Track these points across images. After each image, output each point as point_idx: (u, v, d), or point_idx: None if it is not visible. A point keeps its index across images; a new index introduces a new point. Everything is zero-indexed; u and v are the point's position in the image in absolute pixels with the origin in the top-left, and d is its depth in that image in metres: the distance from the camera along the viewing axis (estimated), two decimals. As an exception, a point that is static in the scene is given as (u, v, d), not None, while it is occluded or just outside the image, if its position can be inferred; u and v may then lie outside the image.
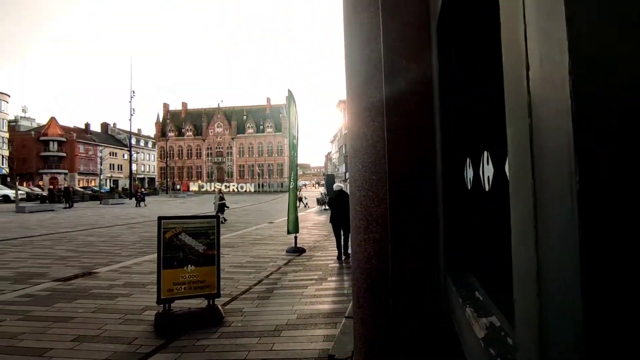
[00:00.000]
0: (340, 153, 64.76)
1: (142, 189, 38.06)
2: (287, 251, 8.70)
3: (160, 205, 30.66)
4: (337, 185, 8.56)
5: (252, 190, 69.44)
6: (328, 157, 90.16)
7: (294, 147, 9.10)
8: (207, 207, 29.99)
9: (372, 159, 1.20)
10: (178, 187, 73.51)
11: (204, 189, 70.06)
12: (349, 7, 1.45)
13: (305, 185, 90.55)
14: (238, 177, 79.37)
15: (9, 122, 61.56)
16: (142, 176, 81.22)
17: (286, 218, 9.56)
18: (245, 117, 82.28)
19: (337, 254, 7.84)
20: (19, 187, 36.32)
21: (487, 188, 0.91)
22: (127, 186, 51.24)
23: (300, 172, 9.89)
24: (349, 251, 7.68)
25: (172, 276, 4.08)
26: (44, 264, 7.44)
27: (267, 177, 77.03)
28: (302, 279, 6.13)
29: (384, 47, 1.21)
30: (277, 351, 3.32)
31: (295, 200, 8.96)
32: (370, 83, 1.26)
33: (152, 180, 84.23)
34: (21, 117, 74.36)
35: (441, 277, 1.12)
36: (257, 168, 79.92)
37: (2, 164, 55.47)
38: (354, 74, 1.37)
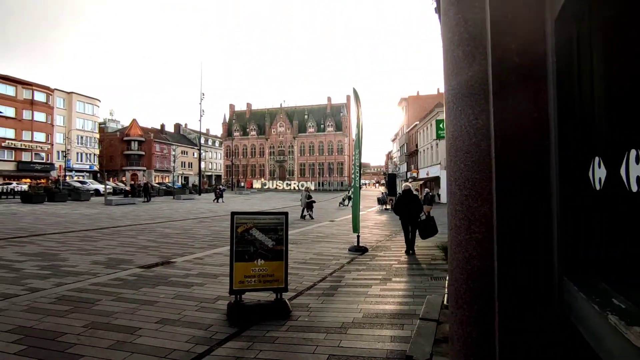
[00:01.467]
0: (401, 152, 63.38)
1: (221, 186, 40.33)
2: (349, 250, 8.72)
3: (227, 202, 32.29)
4: (406, 185, 9.29)
5: (313, 188, 70.45)
6: (389, 156, 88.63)
7: (357, 147, 9.07)
8: (270, 203, 31.10)
9: (475, 157, 1.15)
10: (242, 184, 76.97)
11: (267, 187, 72.68)
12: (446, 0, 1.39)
13: (365, 184, 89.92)
14: (299, 176, 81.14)
15: (100, 124, 68.76)
16: (209, 173, 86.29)
17: (347, 217, 9.57)
18: (306, 117, 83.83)
19: (403, 251, 8.32)
20: (107, 182, 40.46)
21: (634, 189, 0.83)
22: (197, 183, 54.69)
23: (357, 170, 9.89)
24: (414, 247, 8.56)
25: (244, 269, 4.29)
26: (130, 251, 8.21)
27: (327, 175, 77.83)
28: (366, 278, 6.11)
29: (492, 40, 1.15)
30: (344, 348, 3.34)
31: (358, 199, 8.93)
32: (475, 80, 1.20)
33: (218, 177, 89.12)
34: (109, 119, 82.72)
35: (554, 280, 1.04)
36: (318, 167, 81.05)
37: (94, 162, 62.20)
38: (455, 72, 1.31)
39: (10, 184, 40.82)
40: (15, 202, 25.90)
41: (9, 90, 50.17)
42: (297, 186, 71.35)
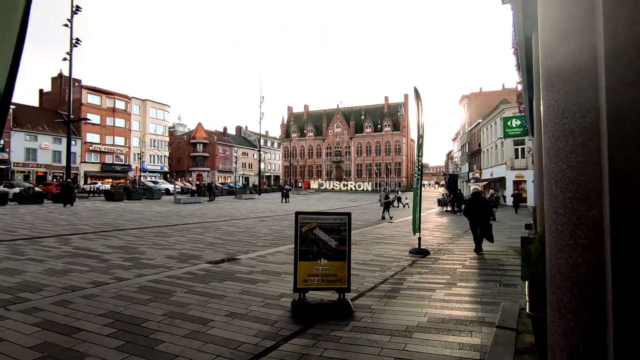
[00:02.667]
0: (462, 151, 60.64)
1: (288, 187, 41.50)
2: (410, 252, 8.53)
3: (286, 201, 33.09)
4: (475, 187, 9.81)
5: (370, 189, 69.92)
6: (449, 156, 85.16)
7: (419, 147, 8.84)
8: (327, 204, 31.34)
9: (582, 158, 1.07)
10: (300, 184, 78.44)
11: (323, 187, 73.36)
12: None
13: (424, 185, 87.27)
14: (356, 176, 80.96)
15: (169, 128, 74.10)
16: (269, 174, 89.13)
17: (406, 218, 9.34)
18: (363, 117, 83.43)
19: (467, 255, 8.19)
20: (176, 182, 43.42)
21: None
22: (257, 183, 56.74)
23: (418, 171, 9.65)
24: (482, 247, 8.90)
25: (307, 268, 4.37)
26: (198, 247, 8.74)
27: (384, 176, 76.74)
28: (429, 281, 5.93)
29: (605, 28, 1.05)
30: (410, 352, 3.28)
31: (420, 200, 8.70)
32: (581, 76, 1.12)
33: (277, 178, 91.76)
34: (177, 123, 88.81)
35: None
36: (375, 167, 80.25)
37: (164, 163, 67.17)
38: (556, 68, 1.23)
39: (96, 183, 45.49)
40: (100, 200, 28.76)
41: (95, 100, 55.95)
42: (354, 187, 71.18)
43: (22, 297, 4.72)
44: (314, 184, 76.99)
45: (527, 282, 2.92)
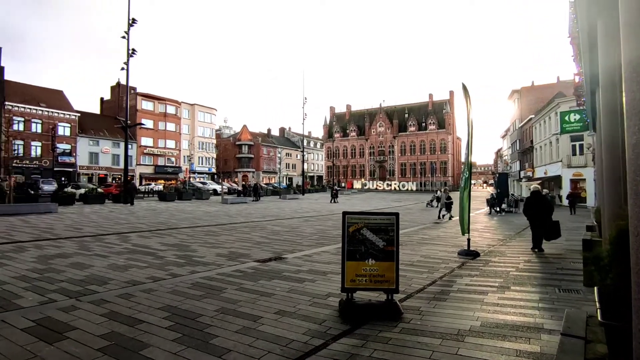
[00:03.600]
0: (513, 149, 57.64)
1: (336, 187, 41.61)
2: (459, 253, 8.25)
3: (328, 201, 33.22)
4: (535, 187, 9.71)
5: (414, 188, 68.48)
6: (498, 154, 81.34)
7: (468, 145, 8.51)
8: (371, 203, 31.08)
9: None
10: (343, 184, 78.42)
11: (367, 187, 72.81)
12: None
13: (472, 184, 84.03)
14: (400, 176, 79.55)
15: (216, 131, 76.97)
16: (312, 174, 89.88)
17: (454, 219, 9.02)
18: (406, 115, 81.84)
19: (520, 258, 7.85)
20: (223, 183, 45.01)
21: None
22: (300, 183, 57.45)
23: (466, 170, 9.28)
24: (542, 245, 8.88)
25: (355, 268, 4.36)
26: (246, 246, 9.00)
27: (429, 175, 74.76)
28: (480, 284, 5.70)
29: None
30: (463, 357, 3.17)
31: (468, 200, 8.38)
32: None
33: (319, 178, 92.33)
34: (223, 126, 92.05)
35: None
36: (419, 166, 78.41)
37: (212, 165, 69.89)
38: None
39: (150, 184, 48.28)
40: (154, 200, 30.48)
41: (148, 105, 59.43)
42: (398, 186, 69.97)
43: (90, 289, 5.11)
44: (357, 184, 76.64)
45: (596, 288, 2.72)
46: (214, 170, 69.67)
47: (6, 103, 40.53)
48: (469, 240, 8.39)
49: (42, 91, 48.49)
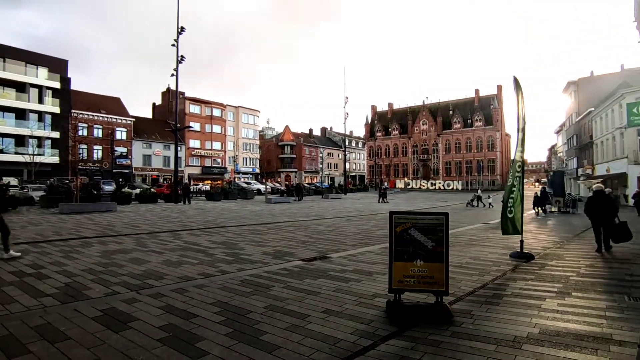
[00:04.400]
0: (569, 145, 53.97)
1: (385, 186, 40.55)
2: (511, 256, 7.85)
3: (371, 202, 32.93)
4: (598, 185, 9.23)
5: (460, 188, 66.12)
6: (552, 150, 76.51)
7: (521, 141, 8.08)
8: (415, 203, 30.42)
9: None
10: (385, 184, 77.43)
11: (410, 186, 71.30)
12: None
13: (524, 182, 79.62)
14: (444, 175, 77.14)
15: (259, 132, 78.84)
16: (353, 174, 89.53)
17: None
18: (451, 112, 79.19)
19: (580, 262, 7.28)
20: (267, 183, 46.00)
21: None
22: (342, 183, 57.43)
23: (518, 168, 8.73)
24: (611, 243, 8.70)
25: (402, 269, 4.28)
26: (291, 245, 9.13)
27: (476, 174, 71.86)
28: (537, 289, 5.39)
29: None
30: (521, 365, 3.01)
31: (522, 198, 7.95)
32: None
33: (362, 177, 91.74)
34: (266, 127, 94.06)
35: None
36: (465, 165, 75.63)
37: (256, 165, 71.69)
38: None
39: (198, 184, 50.40)
40: (201, 200, 31.77)
41: (196, 109, 62.07)
42: (443, 185, 67.90)
43: (148, 283, 5.43)
44: (399, 183, 75.23)
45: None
46: (257, 170, 71.40)
47: (72, 111, 44.08)
48: (521, 242, 7.97)
49: (102, 99, 52.16)
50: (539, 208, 20.84)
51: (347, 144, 73.26)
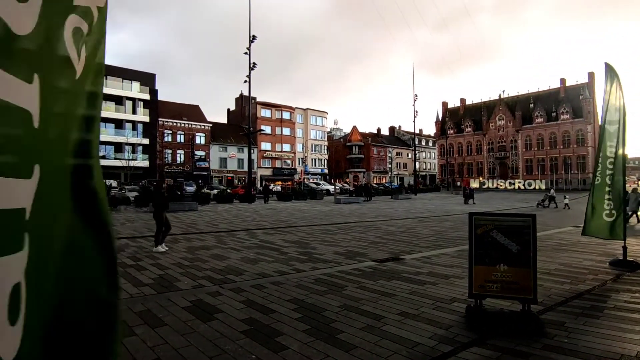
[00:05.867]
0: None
1: (470, 186, 38.13)
2: (610, 264, 7.00)
3: (442, 202, 31.58)
4: None
5: (543, 187, 60.59)
6: (658, 144, 66.77)
7: (610, 136, 7.18)
8: (492, 204, 28.52)
9: None
10: (458, 184, 73.68)
11: (485, 186, 67.01)
12: None
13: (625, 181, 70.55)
14: (525, 173, 71.20)
15: (327, 133, 79.88)
16: (424, 173, 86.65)
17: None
18: (532, 106, 72.84)
19: None
20: (336, 183, 46.44)
21: None
22: (412, 183, 55.92)
23: (609, 165, 7.63)
24: None
25: (484, 273, 4.05)
26: (362, 245, 9.10)
27: (562, 172, 65.29)
28: (646, 302, 4.73)
29: None
30: (630, 387, 2.68)
31: (623, 197, 7.06)
32: None
33: (432, 177, 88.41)
34: (334, 128, 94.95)
35: None
36: (549, 162, 69.13)
37: (324, 166, 72.77)
38: None
39: (270, 185, 52.55)
40: (273, 200, 33.06)
41: (267, 113, 64.84)
42: (524, 185, 62.77)
43: (229, 278, 5.79)
44: (474, 183, 71.04)
45: None
46: (326, 171, 72.39)
47: (159, 119, 48.68)
48: (624, 248, 7.06)
49: (184, 107, 56.81)
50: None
51: (416, 142, 71.09)
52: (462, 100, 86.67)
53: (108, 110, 43.98)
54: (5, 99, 0.63)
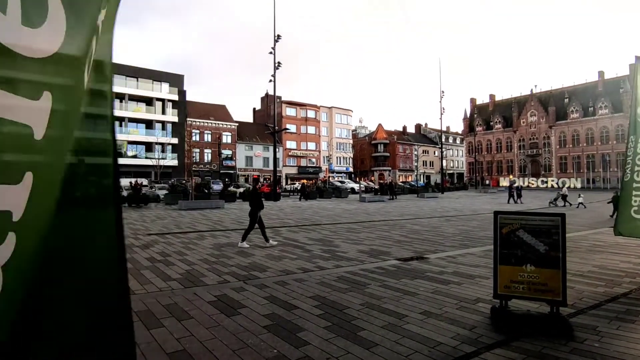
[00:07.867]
0: None
1: (517, 185, 35.44)
2: (649, 266, 6.65)
3: (470, 201, 30.87)
4: None
5: (579, 186, 58.05)
6: None
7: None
8: (522, 203, 27.59)
9: None
10: (487, 182, 71.75)
11: (516, 184, 64.91)
12: None
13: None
14: (558, 171, 68.39)
15: (352, 131, 79.59)
16: (451, 172, 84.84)
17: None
18: (566, 100, 69.85)
19: None
20: (360, 182, 46.24)
21: None
22: (439, 181, 54.91)
23: (638, 162, 7.15)
24: None
25: (510, 273, 3.95)
26: (386, 244, 9.05)
27: (599, 170, 62.28)
28: (687, 307, 4.48)
29: None
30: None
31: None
32: None
33: (460, 175, 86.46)
34: (359, 126, 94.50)
35: None
36: (585, 160, 66.12)
37: (349, 164, 72.59)
38: None
39: (294, 183, 52.95)
40: (296, 198, 33.30)
41: (291, 111, 65.31)
42: (558, 183, 60.35)
43: (254, 274, 5.90)
44: (504, 182, 69.01)
45: None
46: (351, 169, 72.18)
47: (187, 119, 49.98)
48: (664, 250, 6.70)
49: (211, 107, 58.05)
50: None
51: (443, 140, 69.70)
52: (492, 96, 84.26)
53: (139, 111, 45.58)
54: (2, 117, 0.67)
